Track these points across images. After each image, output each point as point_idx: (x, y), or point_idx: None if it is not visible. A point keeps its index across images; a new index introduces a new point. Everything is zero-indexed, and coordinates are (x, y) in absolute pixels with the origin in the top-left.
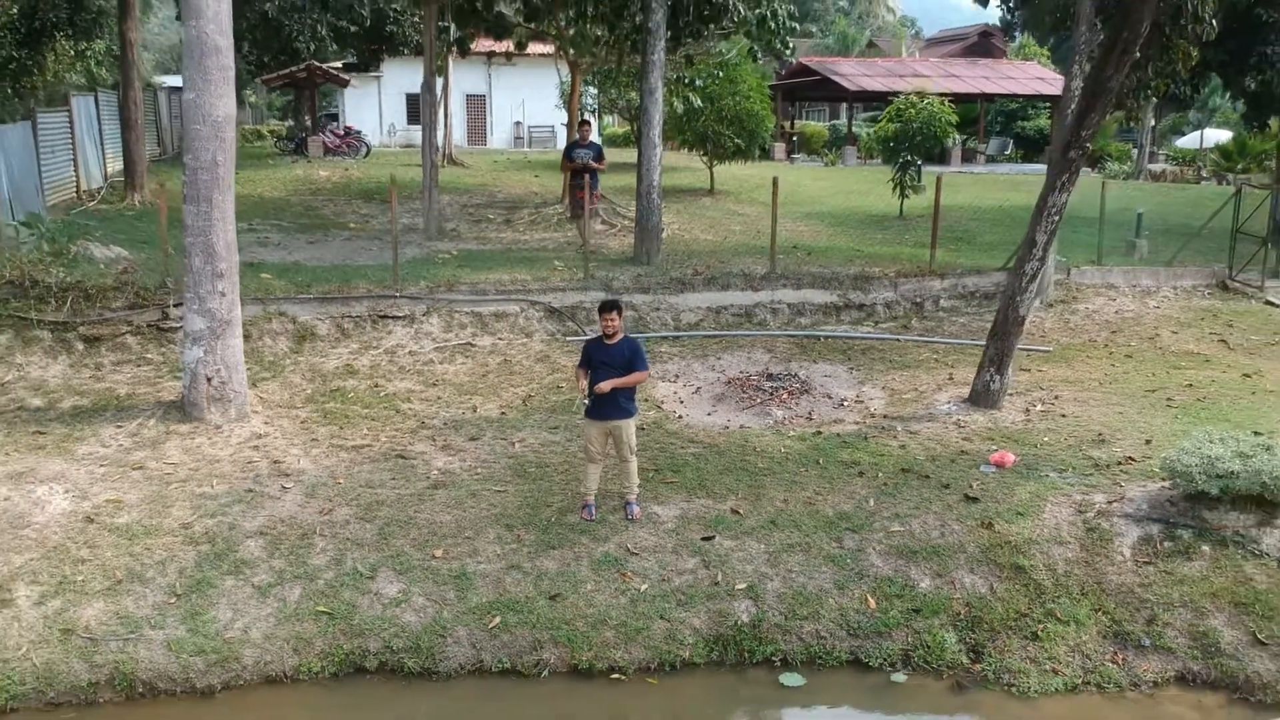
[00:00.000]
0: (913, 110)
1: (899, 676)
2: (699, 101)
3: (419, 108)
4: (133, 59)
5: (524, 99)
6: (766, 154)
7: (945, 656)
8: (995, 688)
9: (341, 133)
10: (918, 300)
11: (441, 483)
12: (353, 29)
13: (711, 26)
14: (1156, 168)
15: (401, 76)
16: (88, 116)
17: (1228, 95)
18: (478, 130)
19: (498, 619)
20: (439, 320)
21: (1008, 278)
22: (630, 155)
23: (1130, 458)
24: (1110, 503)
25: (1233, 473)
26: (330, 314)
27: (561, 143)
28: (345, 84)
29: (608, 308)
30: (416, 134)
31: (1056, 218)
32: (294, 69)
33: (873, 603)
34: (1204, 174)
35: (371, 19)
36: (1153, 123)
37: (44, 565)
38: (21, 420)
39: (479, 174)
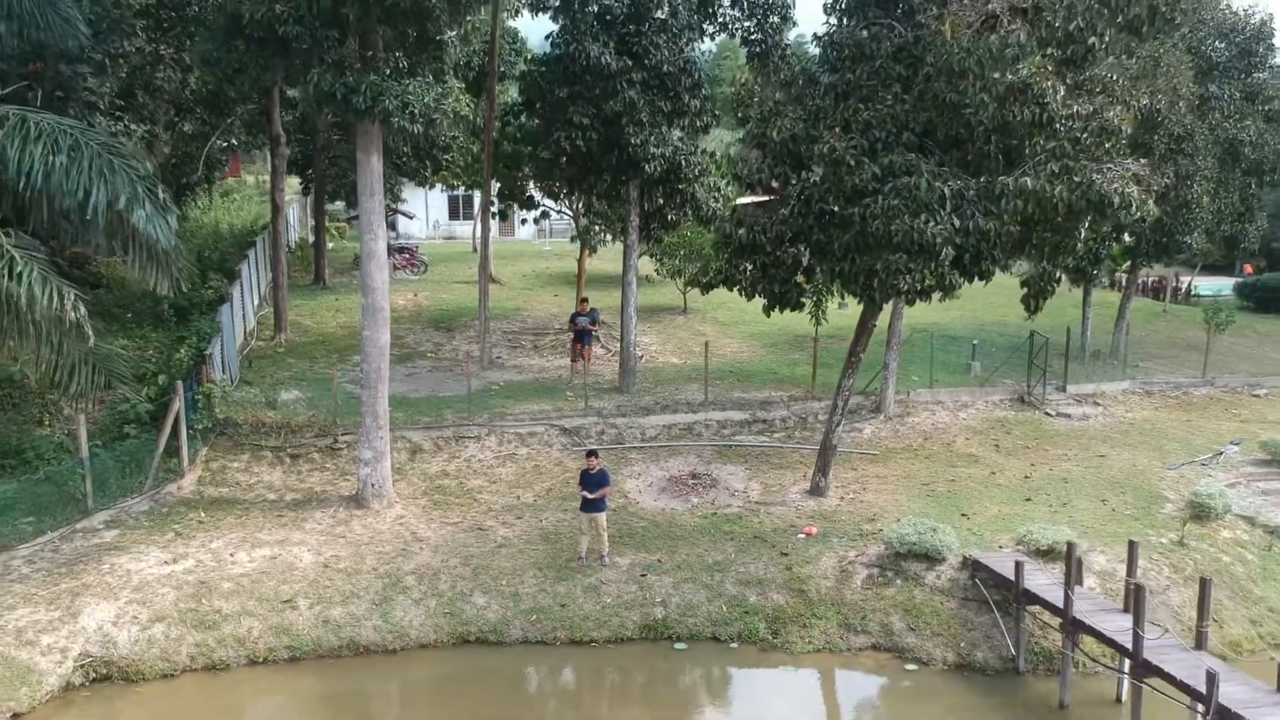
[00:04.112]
0: None
1: (734, 645)
2: (665, 274)
3: (458, 206)
4: (281, 242)
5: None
6: None
7: (759, 635)
8: (781, 650)
9: (406, 255)
10: (803, 416)
11: (503, 545)
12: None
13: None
14: None
15: None
16: (247, 278)
17: None
18: (507, 224)
19: (535, 616)
20: (495, 438)
21: (826, 422)
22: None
23: (881, 529)
24: (857, 556)
25: (914, 542)
26: (430, 436)
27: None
28: (411, 217)
29: (590, 454)
30: (457, 228)
31: (848, 394)
32: None
33: (725, 609)
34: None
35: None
36: None
37: (309, 589)
38: (267, 507)
39: (513, 293)
